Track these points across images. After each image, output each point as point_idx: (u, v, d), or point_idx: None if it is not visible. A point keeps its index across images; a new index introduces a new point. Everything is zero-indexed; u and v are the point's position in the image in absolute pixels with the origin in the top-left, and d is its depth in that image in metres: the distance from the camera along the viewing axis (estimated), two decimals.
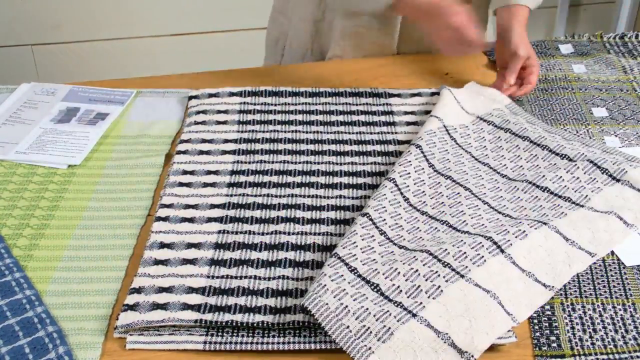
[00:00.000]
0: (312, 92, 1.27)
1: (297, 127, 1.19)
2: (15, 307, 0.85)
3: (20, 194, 1.06)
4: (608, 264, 0.92)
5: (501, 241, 0.90)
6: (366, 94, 1.27)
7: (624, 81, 1.30)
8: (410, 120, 1.20)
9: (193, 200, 1.03)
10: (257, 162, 1.11)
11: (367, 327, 0.79)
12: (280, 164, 1.10)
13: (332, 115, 1.22)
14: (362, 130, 1.18)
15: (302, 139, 1.16)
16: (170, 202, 1.02)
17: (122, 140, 1.19)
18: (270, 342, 0.81)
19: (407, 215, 0.97)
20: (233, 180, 1.07)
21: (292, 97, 1.26)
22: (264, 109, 1.23)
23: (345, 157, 1.12)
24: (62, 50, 2.43)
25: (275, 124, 1.20)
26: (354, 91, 1.27)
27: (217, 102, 1.24)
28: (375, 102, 1.25)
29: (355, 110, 1.23)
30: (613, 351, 0.80)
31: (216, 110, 1.22)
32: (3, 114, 1.25)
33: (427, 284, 0.84)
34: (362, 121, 1.20)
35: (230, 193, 1.04)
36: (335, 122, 1.20)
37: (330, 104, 1.24)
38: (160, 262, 0.92)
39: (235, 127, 1.18)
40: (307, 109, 1.23)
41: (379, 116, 1.21)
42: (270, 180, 1.07)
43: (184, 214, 1.00)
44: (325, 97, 1.26)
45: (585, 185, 1.02)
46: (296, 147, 1.14)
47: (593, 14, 2.61)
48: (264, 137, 1.16)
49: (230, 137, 1.16)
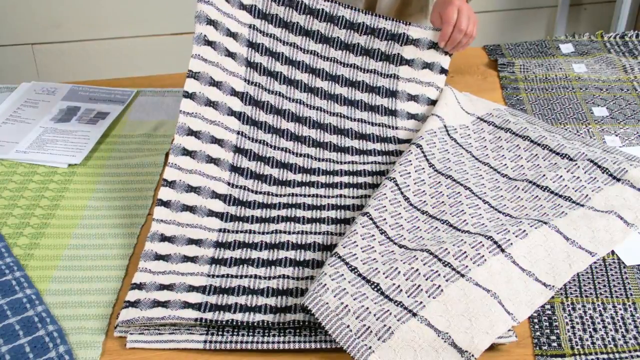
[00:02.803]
0: (323, 35, 1.19)
1: (301, 95, 1.16)
2: (15, 306, 0.85)
3: (21, 193, 1.06)
4: (608, 263, 0.92)
5: (501, 240, 0.90)
6: (382, 33, 1.18)
7: (625, 80, 1.29)
8: (411, 112, 1.19)
9: (195, 180, 1.00)
10: (260, 142, 1.09)
11: (368, 327, 0.79)
12: (282, 152, 1.10)
13: (336, 85, 1.18)
14: (363, 118, 1.17)
15: (305, 117, 1.14)
16: (172, 179, 0.98)
17: (122, 140, 1.19)
18: (270, 341, 0.81)
19: (408, 214, 0.97)
20: (235, 161, 1.05)
21: (301, 37, 1.18)
22: (271, 48, 1.15)
23: (346, 156, 1.12)
24: (63, 49, 2.42)
25: (281, 81, 1.14)
26: (370, 25, 1.18)
27: (227, 12, 1.11)
28: (384, 71, 1.20)
29: (361, 81, 1.19)
30: (613, 350, 0.80)
31: (226, 28, 1.10)
32: (3, 113, 1.25)
33: (427, 284, 0.84)
34: (365, 102, 1.19)
35: (232, 182, 1.04)
36: (338, 97, 1.18)
37: (338, 63, 1.19)
38: (161, 257, 0.91)
39: (243, 69, 1.11)
40: (313, 64, 1.18)
41: (382, 98, 1.19)
42: (271, 174, 1.06)
43: (185, 199, 0.98)
44: (335, 48, 1.19)
45: (586, 184, 1.02)
46: (298, 129, 1.13)
47: (593, 13, 2.61)
48: (268, 102, 1.12)
49: (237, 88, 1.09)
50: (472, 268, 0.86)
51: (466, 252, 0.88)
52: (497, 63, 1.38)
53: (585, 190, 1.01)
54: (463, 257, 0.87)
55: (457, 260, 0.87)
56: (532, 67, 1.35)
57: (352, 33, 1.19)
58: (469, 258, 0.87)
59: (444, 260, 0.87)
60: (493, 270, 0.86)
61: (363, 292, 0.84)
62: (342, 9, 1.17)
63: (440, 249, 0.88)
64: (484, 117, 1.18)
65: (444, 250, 0.88)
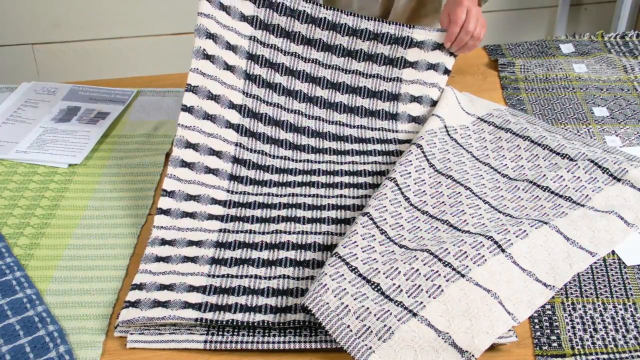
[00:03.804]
0: (325, 43, 1.18)
1: (300, 106, 1.16)
2: (15, 306, 0.85)
3: (21, 193, 1.06)
4: (609, 263, 0.92)
5: (502, 240, 0.90)
6: (385, 38, 1.18)
7: (625, 81, 1.29)
8: (413, 114, 1.19)
9: (195, 189, 1.01)
10: (259, 152, 1.09)
11: (368, 327, 0.79)
12: (281, 160, 1.10)
13: (337, 93, 1.18)
14: (363, 124, 1.17)
15: (304, 127, 1.15)
16: (172, 189, 0.99)
17: (122, 140, 1.19)
18: (270, 341, 0.81)
19: (408, 214, 0.97)
20: (234, 171, 1.06)
21: (303, 46, 1.18)
22: (271, 59, 1.15)
23: (346, 156, 1.12)
24: (63, 49, 2.42)
25: (280, 92, 1.15)
26: (374, 31, 1.18)
27: (227, 25, 1.11)
28: (387, 75, 1.20)
29: (363, 87, 1.19)
30: (614, 350, 0.80)
31: (225, 41, 1.10)
32: (3, 113, 1.25)
33: (427, 284, 0.84)
34: (365, 108, 1.19)
35: (231, 189, 1.04)
36: (338, 105, 1.18)
37: (339, 70, 1.19)
38: (161, 259, 0.92)
39: (242, 82, 1.11)
40: (314, 72, 1.18)
41: (384, 102, 1.19)
42: (271, 179, 1.07)
43: (185, 207, 0.99)
44: (337, 55, 1.19)
45: (586, 184, 1.02)
46: (297, 139, 1.13)
47: (594, 13, 2.61)
48: (266, 114, 1.13)
49: (236, 101, 1.10)
50: (473, 268, 0.86)
51: (466, 252, 0.88)
52: (497, 63, 1.38)
53: (586, 191, 1.01)
54: (463, 257, 0.87)
55: (458, 260, 0.87)
56: (532, 67, 1.35)
57: (355, 39, 1.18)
58: (470, 258, 0.87)
59: (444, 260, 0.87)
60: (493, 270, 0.86)
61: (363, 292, 0.84)
62: (344, 17, 1.17)
63: (441, 249, 0.88)
64: (484, 117, 1.18)
65: (444, 250, 0.88)
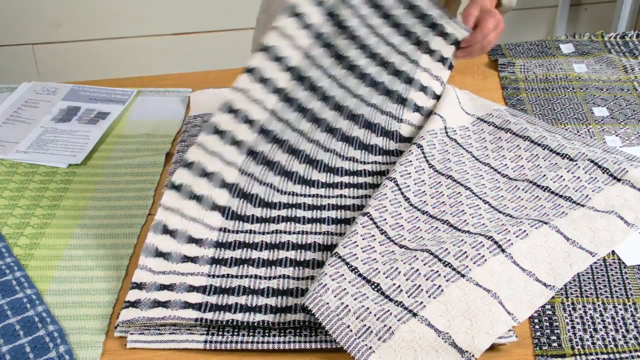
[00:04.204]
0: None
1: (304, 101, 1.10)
2: (15, 306, 0.85)
3: (21, 193, 1.06)
4: (609, 263, 0.92)
5: (502, 240, 0.90)
6: (426, 18, 1.14)
7: (625, 81, 1.29)
8: (418, 104, 1.17)
9: (199, 188, 0.98)
10: (262, 164, 1.06)
11: (368, 327, 0.79)
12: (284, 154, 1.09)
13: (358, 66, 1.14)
14: (377, 103, 1.15)
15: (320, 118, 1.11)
16: (179, 183, 0.96)
17: (122, 140, 1.19)
18: (270, 341, 0.81)
19: (408, 214, 0.97)
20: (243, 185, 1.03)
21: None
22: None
23: (349, 149, 1.11)
24: (63, 49, 2.43)
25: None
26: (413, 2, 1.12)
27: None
28: (411, 56, 1.17)
29: (392, 62, 1.16)
30: (614, 350, 0.80)
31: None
32: (3, 113, 1.25)
33: (427, 284, 0.84)
34: (384, 86, 1.16)
35: (232, 194, 1.03)
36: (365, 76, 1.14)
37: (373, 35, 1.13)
38: (161, 254, 0.91)
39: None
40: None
41: (401, 83, 1.17)
42: (271, 182, 1.06)
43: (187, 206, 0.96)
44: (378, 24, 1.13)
45: (586, 184, 1.02)
46: (297, 139, 1.11)
47: (594, 13, 2.61)
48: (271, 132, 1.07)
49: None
50: (473, 268, 0.86)
51: (466, 252, 0.88)
52: (497, 63, 1.38)
53: (586, 191, 1.01)
54: (463, 257, 0.87)
55: (458, 260, 0.87)
56: (532, 67, 1.35)
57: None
58: (470, 258, 0.87)
59: (444, 261, 0.87)
60: (493, 270, 0.86)
61: (363, 292, 0.84)
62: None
63: (441, 249, 0.88)
64: (484, 117, 1.18)
65: (444, 250, 0.88)
